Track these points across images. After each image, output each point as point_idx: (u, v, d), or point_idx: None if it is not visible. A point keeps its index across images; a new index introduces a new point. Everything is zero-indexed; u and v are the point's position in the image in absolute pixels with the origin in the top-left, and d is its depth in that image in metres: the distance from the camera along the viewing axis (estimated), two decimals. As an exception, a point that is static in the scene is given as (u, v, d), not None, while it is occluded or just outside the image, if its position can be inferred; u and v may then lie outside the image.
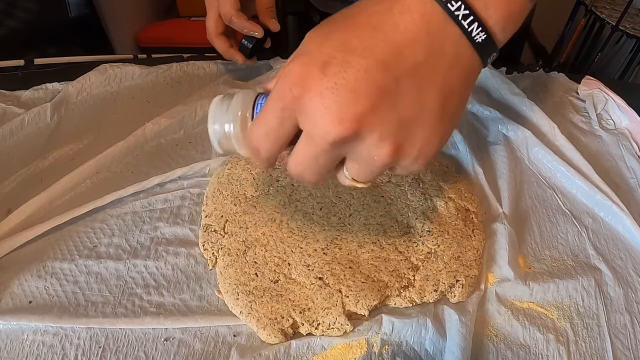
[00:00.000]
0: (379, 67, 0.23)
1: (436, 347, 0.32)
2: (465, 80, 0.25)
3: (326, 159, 0.25)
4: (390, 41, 0.23)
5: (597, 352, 0.33)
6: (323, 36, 0.24)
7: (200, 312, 0.35)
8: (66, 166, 0.45)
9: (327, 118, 0.23)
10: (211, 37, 0.53)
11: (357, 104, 0.22)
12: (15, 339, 0.33)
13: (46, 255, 0.38)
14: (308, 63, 0.23)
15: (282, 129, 0.25)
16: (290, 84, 0.23)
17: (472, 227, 0.39)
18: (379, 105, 0.23)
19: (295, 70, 0.23)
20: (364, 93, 0.22)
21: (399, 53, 0.23)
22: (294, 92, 0.23)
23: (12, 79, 0.56)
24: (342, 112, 0.22)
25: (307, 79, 0.23)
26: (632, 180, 0.46)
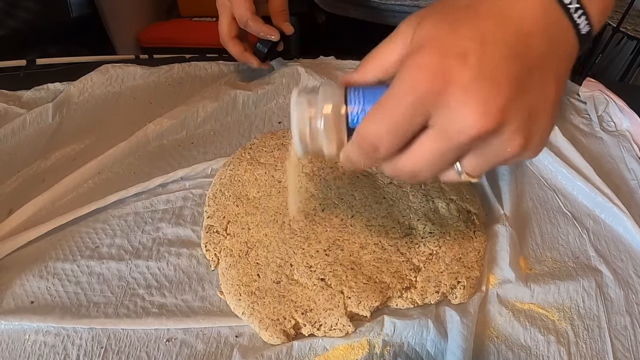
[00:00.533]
0: (515, 58, 0.22)
1: (437, 348, 0.32)
2: (569, 70, 0.25)
3: (454, 155, 0.24)
4: (520, 32, 0.23)
5: (597, 353, 0.33)
6: (449, 25, 0.22)
7: (202, 312, 0.35)
8: (68, 166, 0.45)
9: (471, 111, 0.21)
10: (224, 40, 0.53)
11: (500, 96, 0.22)
12: (17, 339, 0.33)
13: (48, 255, 0.38)
14: (445, 54, 0.22)
15: (411, 124, 0.23)
16: (427, 77, 0.22)
17: (473, 228, 0.40)
18: (516, 96, 0.22)
19: (432, 62, 0.22)
20: (504, 84, 0.22)
21: (528, 44, 0.23)
22: (434, 85, 0.21)
23: (14, 79, 0.56)
24: (486, 105, 0.21)
25: (447, 71, 0.21)
26: (633, 182, 0.46)
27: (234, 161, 0.45)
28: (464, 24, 0.22)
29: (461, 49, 0.22)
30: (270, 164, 0.44)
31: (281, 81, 0.56)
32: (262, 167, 0.44)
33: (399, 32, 0.25)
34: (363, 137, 0.24)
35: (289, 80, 0.56)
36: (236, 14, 0.50)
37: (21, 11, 0.94)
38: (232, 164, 0.44)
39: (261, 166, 0.44)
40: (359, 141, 0.25)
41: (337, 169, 0.44)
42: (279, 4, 0.52)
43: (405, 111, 0.22)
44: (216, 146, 0.48)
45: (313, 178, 0.43)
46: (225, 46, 0.53)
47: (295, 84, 0.56)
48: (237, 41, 0.52)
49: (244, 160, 0.44)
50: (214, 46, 1.35)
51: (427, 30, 0.23)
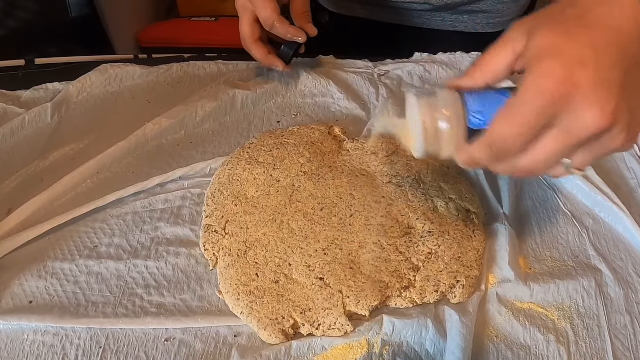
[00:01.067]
0: (620, 63, 0.25)
1: (437, 347, 0.32)
2: None
3: (571, 151, 0.27)
4: (621, 39, 0.26)
5: (597, 352, 0.33)
6: (566, 35, 0.25)
7: (201, 312, 0.35)
8: (67, 166, 0.45)
9: (593, 112, 0.24)
10: (247, 43, 0.51)
11: (613, 99, 0.25)
12: (15, 339, 0.33)
13: (47, 255, 0.38)
14: (569, 62, 0.24)
15: (539, 126, 0.26)
16: (554, 83, 0.24)
17: (472, 227, 0.39)
18: (623, 98, 0.25)
19: (557, 70, 0.25)
20: (615, 88, 0.25)
21: (628, 49, 0.26)
22: (561, 90, 0.24)
23: (13, 79, 0.56)
24: (604, 106, 0.24)
25: (571, 77, 0.24)
26: (633, 181, 0.46)
27: (232, 160, 0.45)
28: (579, 33, 0.25)
29: (580, 57, 0.24)
30: (269, 163, 0.44)
31: (280, 80, 0.56)
32: (261, 166, 0.44)
33: (508, 40, 0.28)
34: (496, 138, 0.27)
35: (288, 79, 0.56)
36: (261, 16, 0.48)
37: (20, 11, 0.94)
38: (231, 164, 0.44)
39: (260, 165, 0.44)
40: (490, 142, 0.27)
41: (335, 168, 0.44)
42: (301, 5, 0.51)
43: (536, 114, 0.25)
44: (215, 146, 0.48)
45: (312, 177, 0.42)
46: (248, 49, 0.52)
47: (295, 84, 0.56)
48: (260, 44, 0.51)
49: (242, 160, 0.44)
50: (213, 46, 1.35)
51: (545, 41, 0.26)
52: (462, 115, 0.28)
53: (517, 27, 0.28)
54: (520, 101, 0.26)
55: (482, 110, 0.28)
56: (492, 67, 0.29)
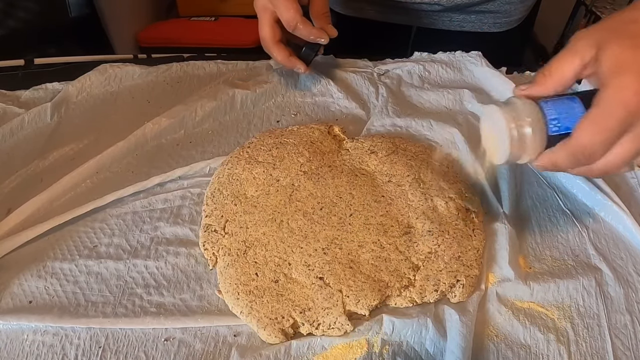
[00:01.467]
0: None
1: (437, 347, 0.32)
2: None
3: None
4: None
5: (597, 352, 0.33)
6: (635, 49, 0.28)
7: (200, 312, 0.35)
8: (66, 166, 0.45)
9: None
10: (268, 45, 0.50)
11: None
12: (15, 339, 0.33)
13: (46, 255, 0.38)
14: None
15: (619, 134, 0.29)
16: (634, 94, 0.27)
17: (472, 227, 0.39)
18: None
19: (636, 83, 0.27)
20: None
21: None
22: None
23: (12, 79, 0.56)
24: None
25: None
26: (633, 180, 0.46)
27: (232, 160, 0.45)
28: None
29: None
30: (269, 162, 0.44)
31: (279, 80, 0.56)
32: (261, 165, 0.43)
33: (576, 51, 0.30)
34: (581, 146, 0.29)
35: (287, 79, 0.56)
36: (284, 18, 0.47)
37: (20, 11, 0.94)
38: (230, 163, 0.44)
39: (259, 165, 0.44)
40: (575, 149, 0.30)
41: (335, 167, 0.44)
42: (321, 6, 0.50)
43: (617, 124, 0.28)
44: (214, 145, 0.48)
45: (311, 177, 0.42)
46: (269, 51, 0.50)
47: (294, 83, 0.56)
48: (282, 46, 0.50)
49: (242, 159, 0.44)
50: (213, 46, 1.34)
51: (618, 55, 0.28)
52: (543, 122, 0.30)
53: (584, 38, 0.30)
54: (602, 112, 0.28)
55: (559, 117, 0.30)
56: (562, 75, 0.31)
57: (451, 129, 0.50)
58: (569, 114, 0.30)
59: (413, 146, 0.47)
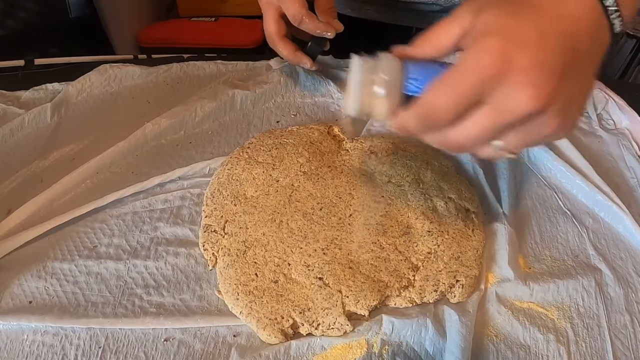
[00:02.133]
0: (565, 51, 0.25)
1: (436, 347, 0.32)
2: (599, 64, 0.28)
3: (500, 131, 0.27)
4: (571, 28, 0.26)
5: (597, 352, 0.33)
6: (513, 16, 0.25)
7: (200, 312, 0.35)
8: (66, 166, 0.45)
9: (526, 93, 0.24)
10: (274, 40, 0.49)
11: (550, 83, 0.24)
12: (15, 339, 0.33)
13: (46, 255, 0.38)
14: (509, 41, 0.24)
15: (471, 100, 0.26)
16: (493, 59, 0.24)
17: (472, 227, 0.39)
18: (562, 84, 0.25)
19: (498, 47, 0.24)
20: (555, 73, 0.25)
21: (577, 39, 0.26)
22: (499, 66, 0.24)
23: (12, 79, 0.56)
24: (539, 89, 0.24)
25: (511, 55, 0.24)
26: (633, 180, 0.46)
27: (231, 160, 0.45)
28: (526, 16, 0.25)
29: (524, 37, 0.24)
30: (268, 163, 0.44)
31: (279, 80, 0.56)
32: (260, 166, 0.43)
33: (456, 17, 0.28)
34: (427, 106, 0.27)
35: (287, 79, 0.56)
36: (289, 12, 0.46)
37: (20, 11, 0.94)
38: (230, 163, 0.44)
39: (259, 165, 0.44)
40: (421, 110, 0.27)
41: (335, 168, 0.44)
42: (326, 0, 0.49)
43: (470, 87, 0.25)
44: (214, 146, 0.48)
45: (311, 177, 0.42)
46: (275, 46, 0.49)
47: (294, 84, 0.56)
48: (287, 41, 0.48)
49: (241, 160, 0.44)
50: (213, 46, 1.34)
51: (491, 19, 0.26)
52: (399, 81, 0.28)
53: (467, 4, 0.28)
54: (456, 73, 0.25)
55: (419, 78, 0.28)
56: (438, 41, 0.29)
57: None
58: (433, 77, 0.27)
59: (413, 146, 0.47)
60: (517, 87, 0.24)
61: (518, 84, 0.24)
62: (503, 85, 0.24)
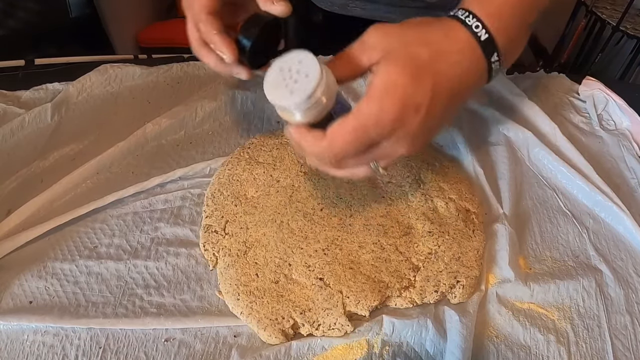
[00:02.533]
0: (449, 106, 0.32)
1: (437, 347, 0.32)
2: (472, 95, 0.34)
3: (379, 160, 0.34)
4: (454, 86, 0.31)
5: (597, 352, 0.33)
6: (413, 79, 0.30)
7: (200, 312, 0.35)
8: (67, 166, 0.45)
9: (406, 148, 0.32)
10: (194, 48, 0.38)
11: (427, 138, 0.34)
12: (15, 339, 0.33)
13: (47, 255, 0.38)
14: (406, 105, 0.30)
15: (366, 147, 0.31)
16: (390, 118, 0.30)
17: (472, 227, 0.39)
18: (433, 131, 0.34)
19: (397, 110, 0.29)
20: (431, 131, 0.33)
21: (463, 86, 0.32)
22: (395, 125, 0.30)
23: (13, 79, 0.56)
24: (416, 146, 0.33)
25: (404, 118, 0.30)
26: (633, 180, 0.46)
27: (232, 161, 0.45)
28: (424, 80, 0.30)
29: (417, 104, 0.30)
30: (269, 163, 0.44)
31: (280, 81, 0.56)
32: (261, 166, 0.43)
33: (366, 49, 0.32)
34: (332, 144, 0.30)
35: (288, 79, 0.56)
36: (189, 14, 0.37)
37: (20, 11, 0.94)
38: (231, 164, 0.44)
39: (260, 165, 0.44)
40: (326, 145, 0.31)
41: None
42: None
43: (369, 139, 0.30)
44: (215, 146, 0.48)
45: (312, 177, 0.42)
46: (198, 56, 0.38)
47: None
48: (209, 48, 0.37)
49: (242, 160, 0.44)
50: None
51: (395, 77, 0.30)
52: (332, 102, 0.31)
53: (377, 36, 0.32)
54: (359, 121, 0.30)
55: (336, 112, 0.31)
56: (352, 67, 0.32)
57: (451, 129, 0.50)
58: (342, 111, 0.31)
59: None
60: (402, 145, 0.31)
61: (403, 142, 0.31)
62: (392, 137, 0.30)
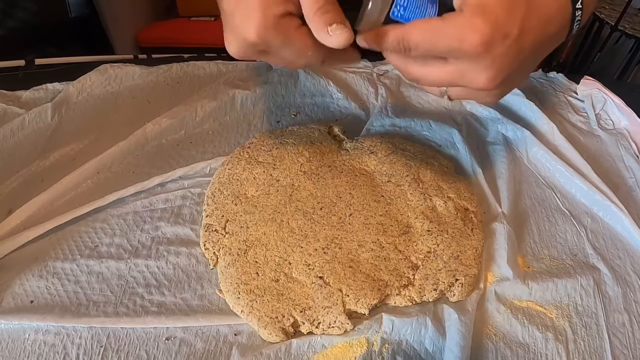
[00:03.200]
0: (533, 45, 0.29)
1: (436, 345, 0.32)
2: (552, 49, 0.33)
3: (452, 86, 0.32)
4: (545, 25, 0.29)
5: (595, 350, 0.33)
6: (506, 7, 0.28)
7: (201, 311, 0.35)
8: (67, 166, 0.45)
9: (487, 76, 0.29)
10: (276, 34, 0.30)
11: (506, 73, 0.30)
12: (16, 338, 0.33)
13: (47, 255, 0.38)
14: (495, 30, 0.28)
15: (440, 54, 0.30)
16: (476, 40, 0.28)
17: (471, 226, 0.40)
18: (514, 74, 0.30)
19: (484, 32, 0.28)
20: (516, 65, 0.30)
21: (548, 31, 0.30)
22: (479, 49, 0.28)
23: (13, 79, 0.56)
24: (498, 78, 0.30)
25: (491, 43, 0.28)
26: (631, 180, 0.46)
27: (232, 160, 0.45)
28: (517, 9, 0.28)
29: (507, 31, 0.28)
30: (269, 162, 0.44)
31: (279, 80, 0.56)
32: (261, 165, 0.44)
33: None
34: (408, 40, 0.29)
35: (287, 79, 0.56)
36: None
37: (19, 11, 0.94)
38: (231, 163, 0.44)
39: (259, 165, 0.44)
40: (401, 40, 0.30)
41: (335, 167, 0.44)
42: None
43: (447, 48, 0.29)
44: (215, 145, 0.49)
45: (311, 177, 0.43)
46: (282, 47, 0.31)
47: (294, 84, 0.56)
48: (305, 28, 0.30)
49: (242, 159, 0.45)
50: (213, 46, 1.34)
51: (491, 3, 0.28)
52: (389, 2, 0.30)
53: None
54: (443, 29, 0.28)
55: (406, 7, 0.30)
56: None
57: (450, 129, 0.50)
58: (419, 11, 0.30)
59: (412, 146, 0.47)
60: (483, 69, 0.29)
61: (485, 68, 0.29)
62: (474, 61, 0.29)
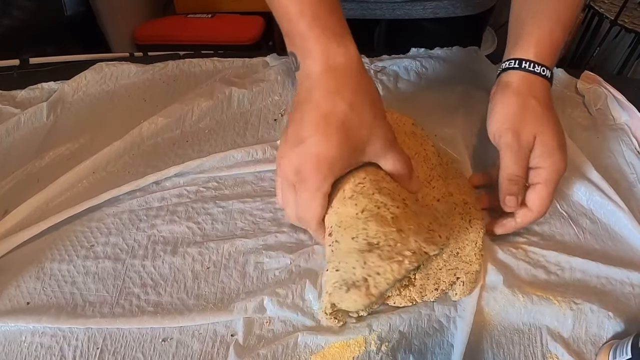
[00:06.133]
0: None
1: (434, 341, 0.32)
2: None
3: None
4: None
5: (593, 336, 0.33)
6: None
7: (197, 310, 0.35)
8: (62, 166, 0.45)
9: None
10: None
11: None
12: (13, 340, 0.33)
13: (44, 256, 0.38)
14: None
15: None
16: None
17: (468, 218, 0.39)
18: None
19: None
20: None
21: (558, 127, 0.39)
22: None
23: (8, 79, 0.56)
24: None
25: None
26: (632, 175, 0.46)
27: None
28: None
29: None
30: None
31: (276, 78, 0.56)
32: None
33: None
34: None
35: (284, 77, 0.56)
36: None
37: (16, 10, 0.93)
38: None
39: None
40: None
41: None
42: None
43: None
44: (211, 144, 0.48)
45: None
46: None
47: (291, 81, 0.56)
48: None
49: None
50: (209, 43, 1.33)
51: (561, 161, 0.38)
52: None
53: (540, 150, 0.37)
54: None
55: None
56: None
57: (448, 125, 0.50)
58: None
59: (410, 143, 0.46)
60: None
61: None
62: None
